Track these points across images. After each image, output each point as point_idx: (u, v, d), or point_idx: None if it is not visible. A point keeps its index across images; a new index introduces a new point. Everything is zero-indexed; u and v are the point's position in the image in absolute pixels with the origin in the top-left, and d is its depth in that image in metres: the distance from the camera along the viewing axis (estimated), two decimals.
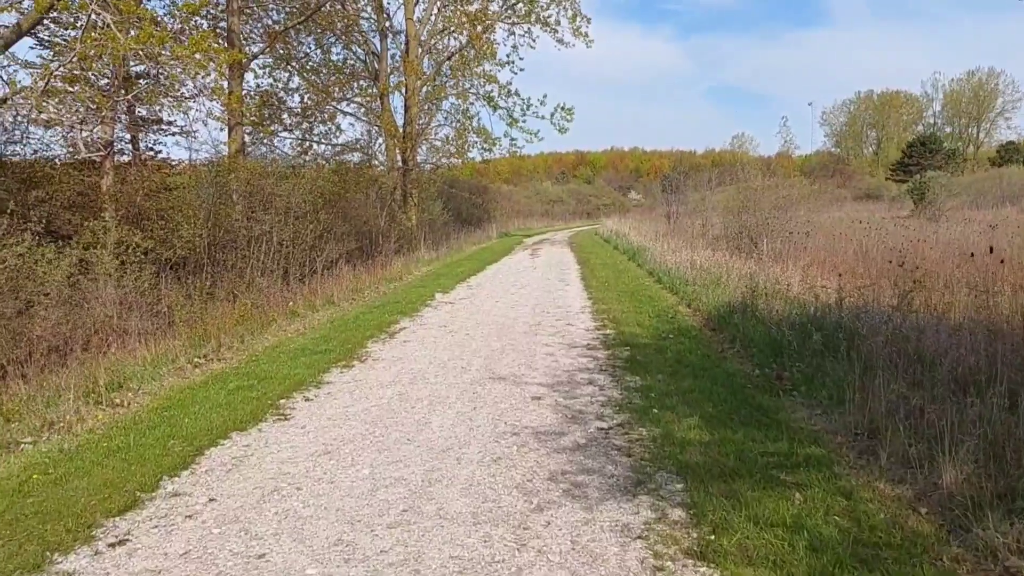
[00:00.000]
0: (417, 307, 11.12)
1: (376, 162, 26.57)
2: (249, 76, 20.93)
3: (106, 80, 13.60)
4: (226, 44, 18.83)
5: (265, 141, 22.34)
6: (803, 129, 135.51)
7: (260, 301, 10.36)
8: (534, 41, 25.87)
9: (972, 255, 7.16)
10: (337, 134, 24.86)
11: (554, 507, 3.61)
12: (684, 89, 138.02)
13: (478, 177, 40.02)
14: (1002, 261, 7.16)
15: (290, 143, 23.57)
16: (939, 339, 5.87)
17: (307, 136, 24.23)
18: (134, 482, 4.09)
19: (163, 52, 10.49)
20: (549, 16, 25.26)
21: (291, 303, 10.58)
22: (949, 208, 24.85)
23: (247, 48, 20.11)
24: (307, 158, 22.42)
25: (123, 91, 13.49)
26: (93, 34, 9.14)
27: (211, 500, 3.87)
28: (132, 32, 9.56)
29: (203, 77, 13.02)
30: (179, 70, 13.81)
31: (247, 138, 20.74)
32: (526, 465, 4.21)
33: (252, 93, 21.68)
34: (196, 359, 7.53)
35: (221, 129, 19.36)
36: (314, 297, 11.53)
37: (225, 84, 18.65)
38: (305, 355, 7.59)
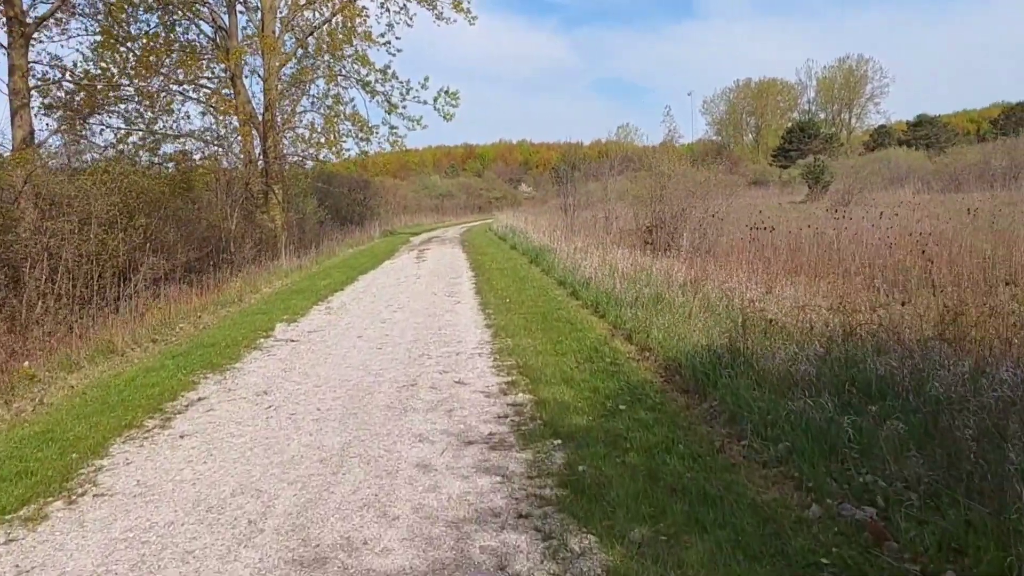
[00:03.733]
0: (239, 352, 7.63)
1: (232, 155, 22.27)
2: (74, 57, 16.45)
3: None
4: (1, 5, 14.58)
5: (81, 132, 17.68)
6: (684, 119, 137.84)
7: None
8: (411, 19, 22.60)
9: None
10: (183, 123, 20.48)
11: None
12: (570, 81, 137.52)
13: (360, 171, 36.15)
14: None
15: (119, 135, 18.89)
16: None
17: (150, 127, 19.66)
18: None
19: None
20: None
21: (27, 363, 6.81)
22: (857, 192, 23.57)
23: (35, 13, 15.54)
24: (126, 148, 17.95)
25: None
26: None
27: None
28: None
29: None
30: None
31: (42, 128, 16.17)
32: None
33: (70, 72, 17.02)
34: None
35: None
36: (80, 343, 7.79)
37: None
38: None
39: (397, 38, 22.50)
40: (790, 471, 3.61)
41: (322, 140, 22.55)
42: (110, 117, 18.06)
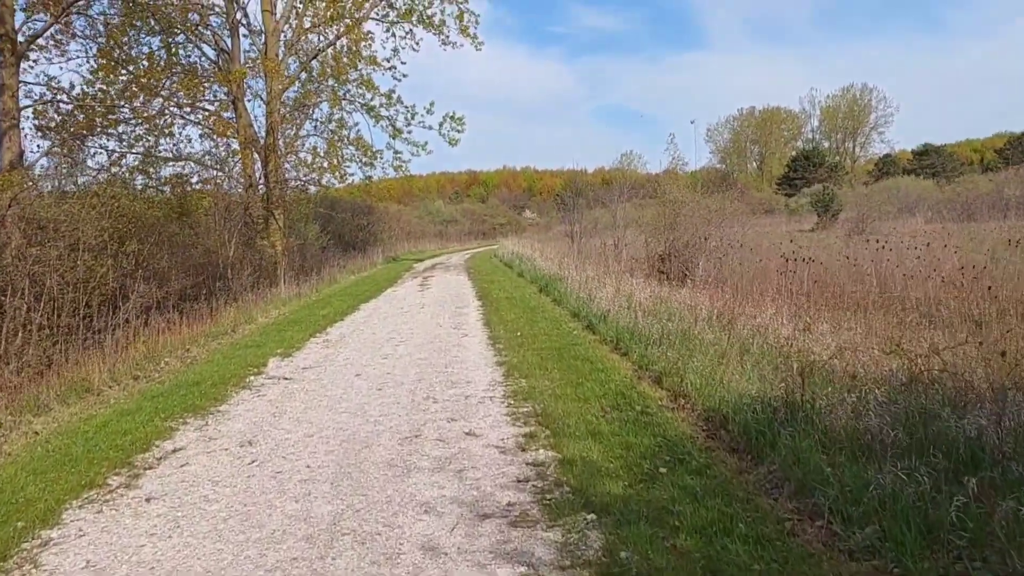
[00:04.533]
0: (226, 392, 6.95)
1: (232, 179, 21.74)
2: (72, 78, 15.99)
3: None
4: None
5: (76, 154, 17.16)
6: (687, 147, 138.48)
7: None
8: (417, 44, 22.18)
9: None
10: (183, 146, 19.92)
11: None
12: (572, 109, 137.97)
13: (364, 196, 35.78)
14: None
15: (114, 157, 18.34)
16: None
17: (149, 150, 19.15)
18: None
19: None
20: (433, 15, 21.68)
21: None
22: (871, 221, 22.98)
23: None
24: (120, 170, 17.42)
25: None
26: None
27: None
28: None
29: None
30: None
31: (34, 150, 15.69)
32: None
33: (67, 93, 16.56)
34: None
35: None
36: (55, 380, 7.12)
37: None
38: None
39: (403, 63, 22.09)
40: (886, 565, 2.90)
41: (325, 164, 22.10)
42: (107, 139, 17.58)
